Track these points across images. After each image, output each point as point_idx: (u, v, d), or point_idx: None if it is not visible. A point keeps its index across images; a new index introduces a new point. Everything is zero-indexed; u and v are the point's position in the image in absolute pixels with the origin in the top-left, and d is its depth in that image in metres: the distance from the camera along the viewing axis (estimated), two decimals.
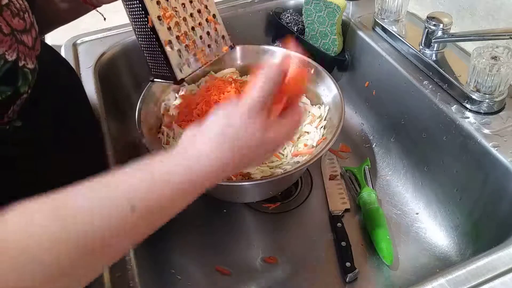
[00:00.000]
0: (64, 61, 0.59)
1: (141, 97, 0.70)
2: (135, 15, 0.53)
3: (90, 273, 0.34)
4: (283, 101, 0.41)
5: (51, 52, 0.51)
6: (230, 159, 0.38)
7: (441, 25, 0.69)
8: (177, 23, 0.55)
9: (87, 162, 0.51)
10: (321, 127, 0.71)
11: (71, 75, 0.60)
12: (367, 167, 0.78)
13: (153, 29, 0.52)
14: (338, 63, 0.90)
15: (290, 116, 0.42)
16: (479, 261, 0.47)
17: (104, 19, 0.62)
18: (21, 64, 0.36)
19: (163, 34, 0.53)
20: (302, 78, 0.43)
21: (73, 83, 0.57)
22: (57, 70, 0.52)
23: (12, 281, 0.29)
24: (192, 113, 0.71)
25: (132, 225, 0.34)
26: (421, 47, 0.73)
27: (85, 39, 0.88)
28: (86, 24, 0.89)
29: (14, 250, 0.30)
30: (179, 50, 0.55)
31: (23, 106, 0.38)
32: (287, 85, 0.41)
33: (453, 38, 0.69)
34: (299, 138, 0.70)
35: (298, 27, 0.92)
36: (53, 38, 0.49)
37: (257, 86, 0.38)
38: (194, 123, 0.48)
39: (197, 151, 0.38)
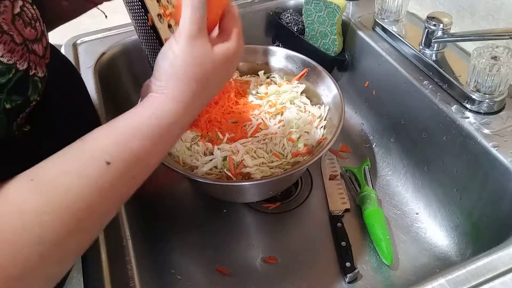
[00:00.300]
0: (65, 60, 0.59)
1: (141, 97, 0.70)
2: (135, 13, 0.53)
3: (83, 242, 0.35)
4: (214, 15, 0.42)
5: (54, 51, 0.51)
6: (192, 91, 0.39)
7: (441, 25, 0.69)
8: (177, 21, 0.54)
9: None
10: (321, 127, 0.71)
11: (74, 75, 0.60)
12: (367, 167, 0.78)
13: (153, 27, 0.52)
14: (338, 63, 0.90)
15: (227, 24, 0.43)
16: (479, 261, 0.47)
17: (106, 16, 0.62)
18: (31, 73, 0.36)
19: (164, 33, 0.53)
20: None
21: (76, 83, 0.57)
22: (61, 69, 0.52)
23: (10, 266, 0.30)
24: None
25: (111, 181, 0.34)
26: (421, 47, 0.73)
27: (85, 39, 0.88)
28: (86, 24, 0.89)
29: (3, 235, 0.30)
30: None
31: (32, 112, 0.38)
32: (211, 2, 0.41)
33: (453, 38, 0.69)
34: (299, 138, 0.70)
35: (298, 27, 0.92)
36: (53, 38, 0.49)
37: (186, 15, 0.39)
38: (193, 123, 0.49)
39: (157, 97, 0.39)
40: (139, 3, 0.51)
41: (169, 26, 0.54)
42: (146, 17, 0.52)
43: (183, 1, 0.40)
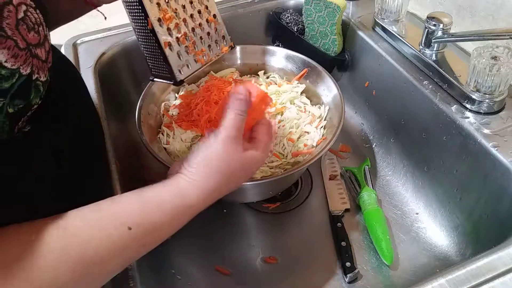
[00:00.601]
0: (65, 60, 0.59)
1: (141, 97, 0.70)
2: (135, 16, 0.53)
3: None
4: (251, 122, 0.50)
5: (54, 51, 0.51)
6: (217, 183, 0.44)
7: (441, 25, 0.69)
8: (177, 25, 0.55)
9: (89, 164, 0.51)
10: (321, 127, 0.71)
11: (75, 75, 0.60)
12: (367, 167, 0.78)
13: (152, 31, 0.52)
14: (338, 63, 0.90)
15: (261, 135, 0.49)
16: (479, 261, 0.47)
17: (105, 18, 0.62)
18: (34, 77, 0.36)
19: (163, 36, 0.53)
20: (264, 101, 0.51)
21: (76, 83, 0.57)
22: (61, 69, 0.52)
23: None
24: (192, 113, 0.71)
25: (128, 244, 0.38)
26: (421, 47, 0.73)
27: (85, 39, 0.88)
28: (86, 24, 0.89)
29: (29, 271, 0.33)
30: (178, 52, 0.55)
31: (32, 113, 0.38)
32: (253, 109, 0.48)
33: (453, 38, 0.69)
34: (299, 138, 0.70)
35: (298, 27, 0.92)
36: (53, 38, 0.49)
37: (229, 119, 0.45)
38: (193, 123, 0.53)
39: (186, 180, 0.43)
40: (139, 7, 0.51)
41: (168, 29, 0.54)
42: (146, 21, 0.52)
43: (230, 105, 0.46)
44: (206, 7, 0.59)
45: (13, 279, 0.32)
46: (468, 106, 0.65)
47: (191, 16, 0.57)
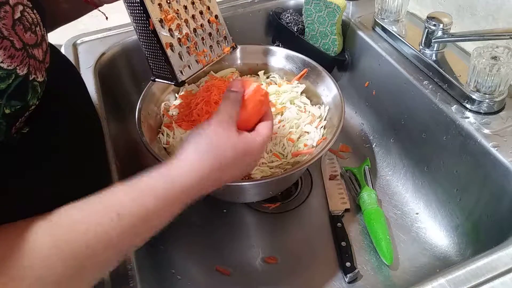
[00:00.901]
0: (65, 59, 0.59)
1: (141, 97, 0.70)
2: (137, 17, 0.53)
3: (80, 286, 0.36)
4: (250, 114, 0.50)
5: (54, 51, 0.51)
6: (210, 165, 0.43)
7: (441, 25, 0.69)
8: (178, 26, 0.55)
9: (89, 164, 0.51)
10: (321, 127, 0.71)
11: (74, 75, 0.60)
12: (367, 167, 0.78)
13: (154, 32, 0.52)
14: (338, 63, 0.90)
15: (261, 127, 0.50)
16: (479, 261, 0.47)
17: (106, 18, 0.62)
18: (31, 78, 0.36)
19: (165, 37, 0.53)
20: (259, 92, 0.51)
21: (76, 83, 0.58)
22: (61, 69, 0.52)
23: None
24: (192, 113, 0.71)
25: (119, 235, 0.37)
26: (421, 47, 0.73)
27: (85, 39, 0.88)
28: (86, 24, 0.89)
29: (13, 269, 0.32)
30: (180, 53, 0.55)
31: (31, 113, 0.38)
32: (249, 100, 0.50)
33: (453, 38, 0.69)
34: (299, 138, 0.70)
35: (298, 27, 0.92)
36: (53, 38, 0.49)
37: (222, 106, 0.47)
38: (193, 123, 0.54)
39: (178, 166, 0.42)
40: (141, 8, 0.51)
41: (170, 30, 0.54)
42: (147, 21, 0.52)
43: (224, 96, 0.48)
44: (208, 8, 0.59)
45: (1, 277, 0.32)
46: (468, 106, 0.65)
47: (193, 16, 0.57)
